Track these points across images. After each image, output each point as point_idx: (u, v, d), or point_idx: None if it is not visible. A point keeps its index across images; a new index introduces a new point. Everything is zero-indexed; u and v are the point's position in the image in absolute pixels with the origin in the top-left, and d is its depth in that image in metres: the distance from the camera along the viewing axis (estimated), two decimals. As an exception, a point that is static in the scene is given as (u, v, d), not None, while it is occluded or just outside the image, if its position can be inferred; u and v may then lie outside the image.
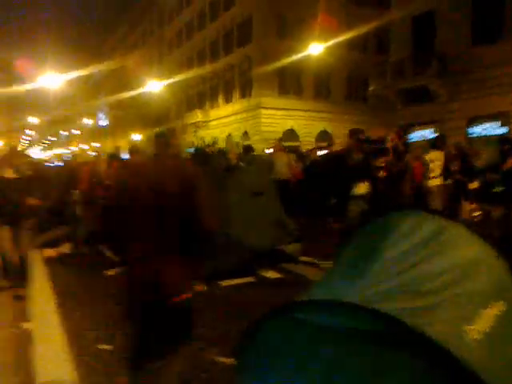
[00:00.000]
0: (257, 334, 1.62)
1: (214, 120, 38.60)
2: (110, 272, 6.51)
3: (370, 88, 23.77)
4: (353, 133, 5.55)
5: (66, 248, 8.27)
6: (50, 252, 8.04)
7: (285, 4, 31.06)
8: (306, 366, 1.41)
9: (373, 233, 1.95)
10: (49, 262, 7.44)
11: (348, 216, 5.40)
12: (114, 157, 9.54)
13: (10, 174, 5.25)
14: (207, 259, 2.71)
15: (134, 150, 7.87)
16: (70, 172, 8.59)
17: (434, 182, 8.36)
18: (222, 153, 11.15)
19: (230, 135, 36.09)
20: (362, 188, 5.43)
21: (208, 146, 12.19)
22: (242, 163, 8.28)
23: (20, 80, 39.81)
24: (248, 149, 8.79)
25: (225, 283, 5.77)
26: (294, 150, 21.59)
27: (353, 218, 5.38)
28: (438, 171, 7.19)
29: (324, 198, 5.67)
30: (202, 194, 2.44)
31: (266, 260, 6.39)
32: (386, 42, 27.93)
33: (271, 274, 6.19)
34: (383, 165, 7.24)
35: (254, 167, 7.12)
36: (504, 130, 17.70)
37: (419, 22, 21.29)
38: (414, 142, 21.36)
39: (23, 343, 4.01)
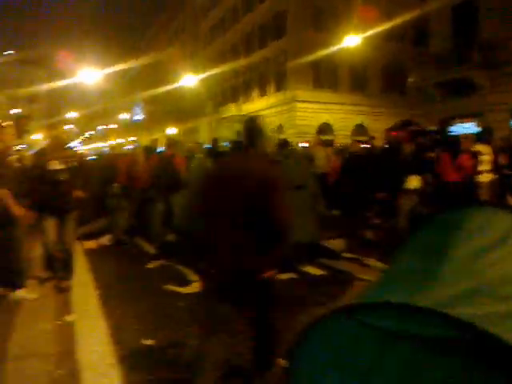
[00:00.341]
0: (312, 334, 1.54)
1: (248, 114, 38.50)
2: (150, 265, 6.55)
3: (410, 80, 23.16)
4: (404, 124, 5.34)
5: (105, 240, 8.36)
6: (91, 244, 8.15)
7: (320, -4, 30.62)
8: (370, 375, 1.32)
9: (437, 230, 1.80)
10: (89, 253, 7.54)
11: (399, 211, 5.21)
12: (150, 150, 9.62)
13: (56, 165, 5.28)
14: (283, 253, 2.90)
15: (171, 143, 7.88)
16: (109, 165, 8.67)
17: (484, 177, 8.04)
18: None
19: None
20: (414, 181, 5.22)
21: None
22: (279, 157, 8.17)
23: (60, 75, 40.75)
24: (284, 143, 8.61)
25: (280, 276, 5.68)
26: (330, 144, 21.34)
27: (404, 212, 5.19)
28: (486, 166, 6.87)
29: (368, 191, 5.46)
30: (279, 195, 2.77)
31: (307, 255, 6.27)
32: (425, 32, 27.14)
33: (312, 270, 6.06)
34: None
35: (294, 160, 6.98)
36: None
37: (460, 11, 20.59)
38: (457, 135, 20.78)
39: (66, 335, 4.03)
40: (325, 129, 32.34)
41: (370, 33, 25.75)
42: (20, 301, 4.89)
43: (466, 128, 21.08)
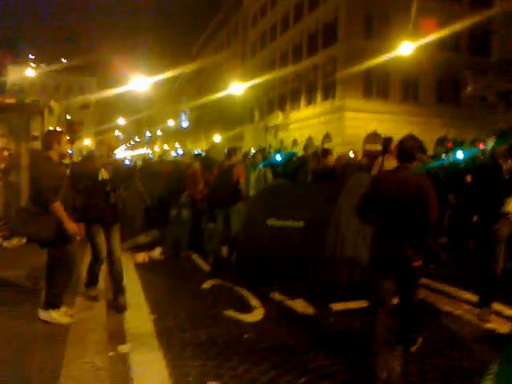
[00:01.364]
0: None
1: (294, 122, 38.07)
2: (206, 285, 6.11)
3: (468, 89, 22.06)
4: (503, 137, 4.69)
5: (157, 253, 8.03)
6: (142, 257, 7.84)
7: (372, 3, 29.94)
8: None
9: None
10: (140, 268, 7.20)
11: (496, 237, 4.56)
12: (207, 160, 9.30)
13: (105, 174, 4.97)
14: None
15: (231, 151, 7.50)
16: (178, 174, 8.34)
17: None
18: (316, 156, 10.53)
19: (310, 138, 35.36)
20: (513, 204, 4.56)
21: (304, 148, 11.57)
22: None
23: (110, 82, 41.60)
24: (326, 152, 8.08)
25: (336, 307, 5.13)
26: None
27: (502, 239, 4.54)
28: None
29: (464, 214, 4.84)
30: (432, 199, 3.61)
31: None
32: (483, 40, 26.02)
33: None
34: None
35: (362, 173, 6.45)
36: None
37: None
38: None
39: (120, 372, 3.61)
40: (373, 139, 31.45)
41: (423, 41, 24.81)
42: (51, 322, 4.47)
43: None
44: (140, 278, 6.62)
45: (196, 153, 12.12)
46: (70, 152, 20.54)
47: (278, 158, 10.38)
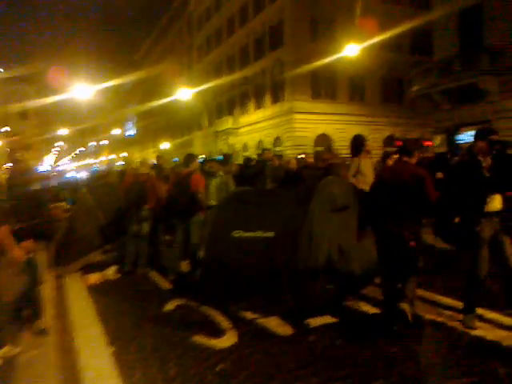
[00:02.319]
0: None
1: (244, 126, 37.82)
2: (169, 306, 5.56)
3: (413, 89, 22.49)
4: (483, 133, 4.45)
5: (112, 272, 7.38)
6: (95, 277, 7.17)
7: (317, 6, 30.27)
8: None
9: None
10: (94, 291, 6.55)
11: (479, 239, 4.31)
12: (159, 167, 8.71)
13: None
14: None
15: (188, 159, 7.00)
16: (138, 186, 7.66)
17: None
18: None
19: (260, 141, 35.20)
20: (496, 202, 4.33)
21: (258, 153, 11.18)
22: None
23: (51, 91, 39.78)
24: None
25: (314, 322, 4.73)
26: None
27: (485, 240, 4.30)
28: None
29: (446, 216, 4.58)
30: (428, 182, 4.43)
31: (357, 290, 5.37)
32: (426, 40, 26.70)
33: (369, 309, 5.12)
34: None
35: (335, 176, 6.12)
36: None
37: (465, 18, 20.04)
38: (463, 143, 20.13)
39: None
40: (322, 140, 31.75)
41: (368, 43, 25.23)
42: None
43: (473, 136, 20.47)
44: (94, 302, 5.98)
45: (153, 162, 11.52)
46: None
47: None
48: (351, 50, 25.16)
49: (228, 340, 4.43)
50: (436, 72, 20.97)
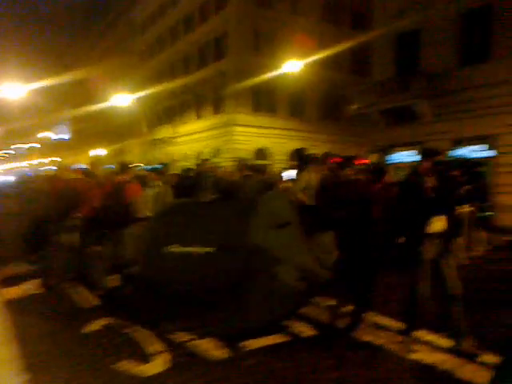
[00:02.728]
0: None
1: (183, 136, 37.26)
2: (94, 326, 5.08)
3: (352, 107, 23.06)
4: (429, 153, 4.40)
5: (35, 286, 6.75)
6: (15, 291, 6.51)
7: (261, 20, 30.52)
8: None
9: None
10: (12, 307, 5.90)
11: (422, 259, 4.23)
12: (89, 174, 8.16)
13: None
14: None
15: (124, 166, 6.56)
16: (69, 192, 7.03)
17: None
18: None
19: (201, 152, 34.79)
20: (439, 224, 4.28)
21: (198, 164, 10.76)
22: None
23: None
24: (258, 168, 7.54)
25: (249, 345, 4.46)
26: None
27: (427, 261, 4.23)
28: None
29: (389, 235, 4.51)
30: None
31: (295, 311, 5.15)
32: (365, 60, 27.62)
33: (306, 330, 4.92)
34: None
35: (275, 191, 5.93)
36: (491, 153, 17.21)
37: (404, 41, 20.86)
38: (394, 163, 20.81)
39: None
40: (261, 153, 31.87)
41: (307, 60, 25.72)
42: None
43: (406, 156, 21.26)
44: (11, 319, 5.37)
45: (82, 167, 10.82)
46: None
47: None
48: (292, 66, 25.50)
49: (159, 365, 4.07)
50: (374, 92, 21.60)
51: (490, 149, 17.40)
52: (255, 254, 4.80)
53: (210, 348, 4.43)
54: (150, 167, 11.17)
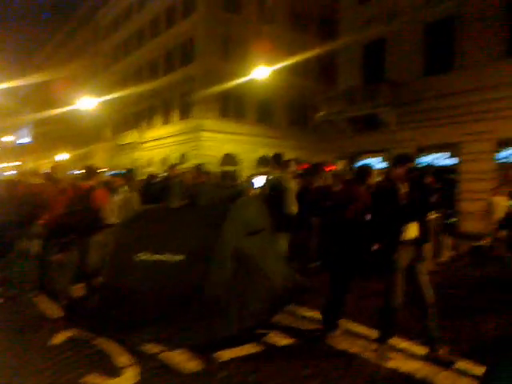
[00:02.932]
0: None
1: (150, 141, 36.76)
2: (58, 338, 4.84)
3: (320, 114, 23.27)
4: (402, 159, 4.39)
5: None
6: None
7: (230, 26, 30.55)
8: None
9: None
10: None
11: (396, 266, 4.21)
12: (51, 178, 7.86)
13: None
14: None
15: (91, 171, 6.32)
16: (32, 197, 6.71)
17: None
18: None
19: (166, 157, 34.37)
20: (413, 230, 4.28)
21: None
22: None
23: None
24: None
25: (223, 356, 4.33)
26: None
27: (401, 268, 4.21)
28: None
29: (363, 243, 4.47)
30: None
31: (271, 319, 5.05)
32: (332, 68, 27.95)
33: (281, 339, 4.82)
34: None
35: (247, 197, 5.83)
36: (454, 160, 17.63)
37: (370, 50, 21.24)
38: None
39: None
40: (229, 159, 31.78)
41: (275, 67, 25.86)
42: None
43: (372, 163, 21.57)
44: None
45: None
46: None
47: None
48: (261, 72, 25.55)
49: (129, 379, 3.89)
50: (341, 100, 21.88)
51: (452, 156, 17.85)
52: (228, 261, 4.69)
53: (183, 360, 4.28)
54: (115, 173, 10.91)
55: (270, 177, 6.70)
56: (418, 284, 4.28)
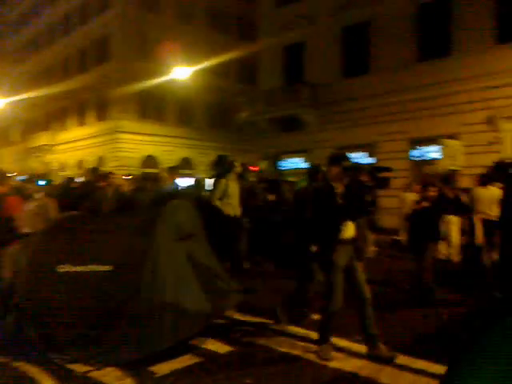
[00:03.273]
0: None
1: (63, 143, 34.88)
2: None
3: (241, 115, 23.28)
4: (336, 159, 4.33)
5: None
6: None
7: (147, 25, 29.75)
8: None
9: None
10: None
11: (335, 266, 4.15)
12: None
13: None
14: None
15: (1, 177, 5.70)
16: None
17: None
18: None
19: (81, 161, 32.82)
20: (350, 229, 4.25)
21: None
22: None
23: None
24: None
25: (159, 370, 4.04)
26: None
27: (340, 268, 4.16)
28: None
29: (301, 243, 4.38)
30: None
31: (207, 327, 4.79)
32: (253, 70, 28.10)
33: (219, 348, 4.60)
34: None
35: (180, 200, 5.52)
36: (372, 160, 18.33)
37: (290, 52, 21.56)
38: (286, 170, 21.37)
39: None
40: (149, 162, 30.93)
41: (197, 67, 25.57)
42: None
43: (294, 163, 21.94)
44: None
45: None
46: None
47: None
48: (181, 73, 25.10)
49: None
50: (262, 101, 22.00)
51: (370, 156, 18.56)
52: (160, 269, 4.40)
53: (112, 379, 3.92)
54: (25, 177, 10.07)
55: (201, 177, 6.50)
56: (355, 282, 4.26)
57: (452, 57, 15.85)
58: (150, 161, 31.08)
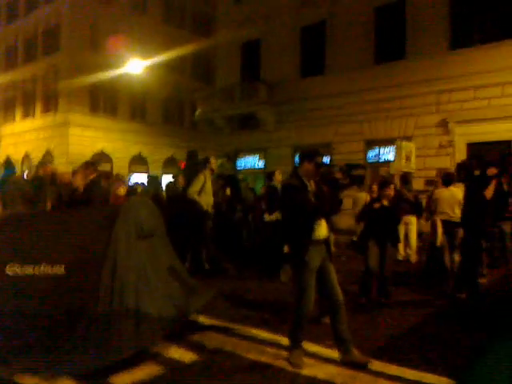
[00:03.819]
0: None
1: (7, 136, 33.15)
2: None
3: (197, 112, 22.88)
4: (309, 155, 4.14)
5: None
6: None
7: (98, 16, 28.67)
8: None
9: None
10: None
11: (308, 267, 3.96)
12: None
13: None
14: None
15: None
16: None
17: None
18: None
19: (27, 155, 31.31)
20: (323, 229, 4.07)
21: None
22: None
23: None
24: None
25: (119, 381, 3.71)
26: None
27: (313, 268, 3.98)
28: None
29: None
30: None
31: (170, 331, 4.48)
32: (205, 67, 27.80)
33: (184, 355, 4.29)
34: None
35: (140, 197, 5.18)
36: (328, 160, 18.39)
37: (247, 50, 21.36)
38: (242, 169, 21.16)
39: None
40: (101, 157, 29.81)
41: (151, 61, 24.99)
42: None
43: (250, 162, 21.79)
44: None
45: None
46: None
47: None
48: (134, 67, 24.42)
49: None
50: (218, 98, 21.69)
51: (328, 156, 18.64)
52: (119, 270, 4.07)
53: (66, 391, 3.57)
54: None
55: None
56: (328, 284, 4.08)
57: (407, 60, 16.10)
58: (102, 156, 29.99)
